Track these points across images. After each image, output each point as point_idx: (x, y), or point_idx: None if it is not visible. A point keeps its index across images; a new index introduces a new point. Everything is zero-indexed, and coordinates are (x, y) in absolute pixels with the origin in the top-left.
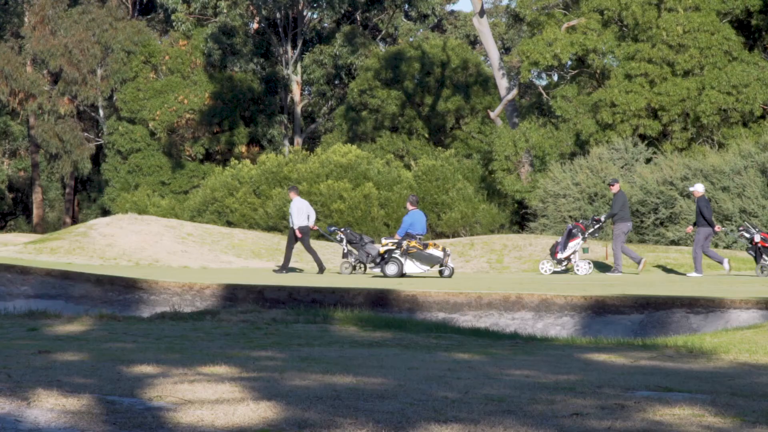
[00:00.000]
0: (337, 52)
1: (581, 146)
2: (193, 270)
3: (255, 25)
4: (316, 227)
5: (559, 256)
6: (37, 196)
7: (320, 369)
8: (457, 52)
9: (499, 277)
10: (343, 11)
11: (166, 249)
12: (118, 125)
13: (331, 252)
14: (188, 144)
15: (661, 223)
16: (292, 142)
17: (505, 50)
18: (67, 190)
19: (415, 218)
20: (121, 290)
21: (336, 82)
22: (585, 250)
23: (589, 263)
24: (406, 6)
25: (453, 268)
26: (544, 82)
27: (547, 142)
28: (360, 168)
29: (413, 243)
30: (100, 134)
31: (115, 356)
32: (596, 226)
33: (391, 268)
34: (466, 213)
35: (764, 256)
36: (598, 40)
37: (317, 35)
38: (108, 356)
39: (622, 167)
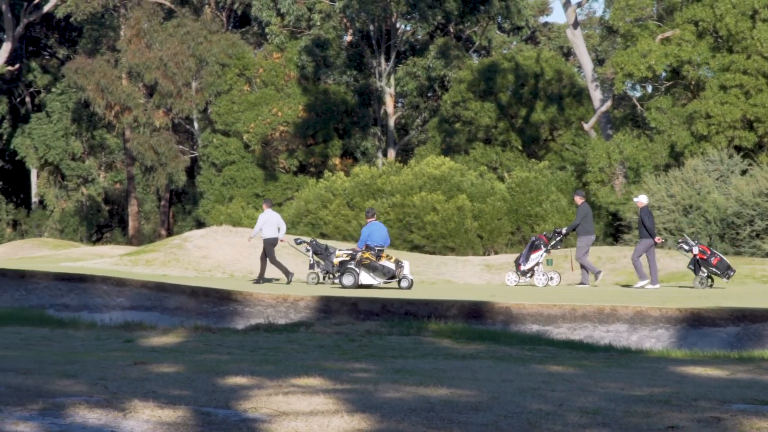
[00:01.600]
0: (431, 64)
1: (676, 158)
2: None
3: (348, 38)
4: (284, 240)
5: (522, 267)
6: (132, 209)
7: (414, 381)
8: (550, 64)
9: (593, 289)
10: (436, 23)
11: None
12: (212, 138)
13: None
14: (282, 156)
15: (757, 235)
16: (385, 154)
17: (599, 62)
18: (162, 203)
19: (372, 230)
20: (215, 302)
21: (429, 94)
22: (549, 262)
23: (549, 275)
24: (500, 18)
25: (412, 280)
26: (638, 94)
27: (641, 153)
28: (453, 180)
29: (366, 254)
30: (194, 147)
31: (210, 368)
32: (558, 239)
33: (348, 279)
34: (559, 225)
35: (703, 268)
36: (692, 51)
37: (410, 47)
38: (203, 368)
39: (717, 179)
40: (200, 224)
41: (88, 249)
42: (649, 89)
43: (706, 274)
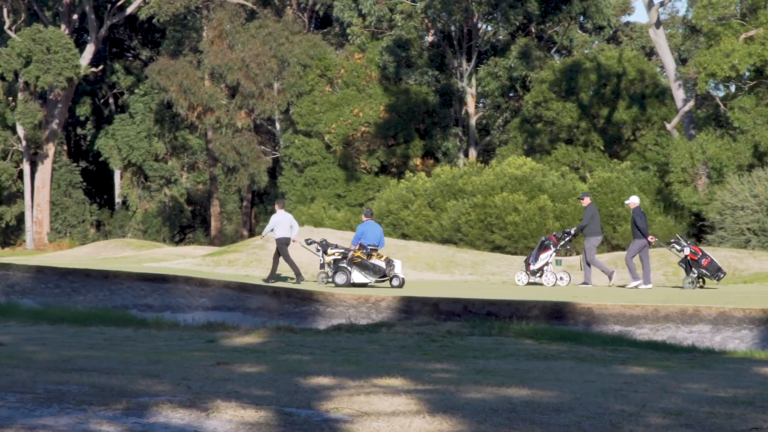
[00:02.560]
0: (512, 65)
1: (759, 158)
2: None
3: (430, 38)
4: (296, 239)
5: (532, 267)
6: (215, 209)
7: (496, 381)
8: (632, 64)
9: (675, 290)
10: (517, 24)
11: None
12: (294, 138)
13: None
14: (363, 157)
15: None
16: (466, 155)
17: (682, 61)
18: (244, 203)
19: (366, 229)
20: (297, 302)
21: (511, 94)
22: (558, 263)
23: (558, 275)
24: (582, 18)
25: (403, 279)
26: (721, 93)
27: (724, 153)
28: (535, 180)
29: (358, 253)
30: (276, 147)
31: (292, 368)
32: (567, 239)
33: (340, 278)
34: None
35: (693, 269)
36: None
37: (492, 48)
38: (285, 368)
39: None
40: None
41: (171, 249)
42: (733, 89)
43: (696, 275)
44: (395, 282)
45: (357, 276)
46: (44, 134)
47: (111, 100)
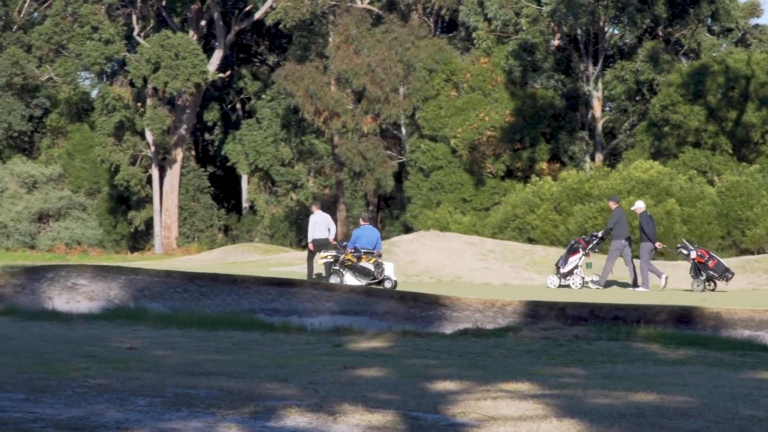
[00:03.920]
0: (639, 68)
1: None
2: (494, 287)
3: (556, 42)
4: (334, 241)
5: (562, 270)
6: (341, 214)
7: (623, 386)
8: (761, 66)
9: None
10: (644, 27)
11: (467, 266)
12: (420, 143)
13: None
14: (489, 161)
15: None
16: (593, 159)
17: None
18: (371, 207)
19: (362, 233)
20: (423, 307)
21: (637, 97)
22: (588, 265)
23: (587, 277)
24: (709, 21)
25: (395, 281)
26: None
27: None
28: (662, 184)
29: (348, 256)
30: (402, 152)
31: (418, 372)
32: (596, 242)
33: (334, 280)
34: None
35: (701, 272)
36: None
37: (618, 51)
38: (411, 372)
39: None
40: (408, 229)
41: (298, 254)
42: None
43: (705, 278)
44: (387, 284)
45: (349, 278)
46: (172, 139)
47: (238, 106)
